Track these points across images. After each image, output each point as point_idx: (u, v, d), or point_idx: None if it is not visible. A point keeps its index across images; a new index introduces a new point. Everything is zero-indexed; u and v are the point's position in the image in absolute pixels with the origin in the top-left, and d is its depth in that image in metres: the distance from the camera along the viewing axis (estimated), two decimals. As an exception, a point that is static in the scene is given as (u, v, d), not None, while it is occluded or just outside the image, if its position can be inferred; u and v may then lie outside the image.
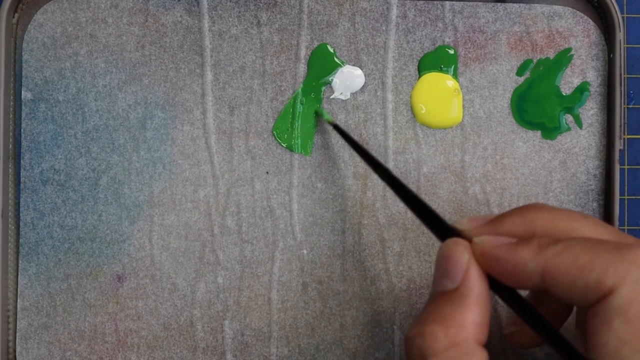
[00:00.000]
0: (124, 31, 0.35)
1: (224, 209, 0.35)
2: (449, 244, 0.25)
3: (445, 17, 0.35)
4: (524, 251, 0.23)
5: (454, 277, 0.24)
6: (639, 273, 0.22)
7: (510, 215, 0.25)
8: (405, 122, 0.35)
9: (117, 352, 0.34)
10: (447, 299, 0.24)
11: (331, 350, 0.35)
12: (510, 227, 0.25)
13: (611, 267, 0.22)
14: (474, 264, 0.24)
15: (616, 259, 0.22)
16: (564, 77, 0.35)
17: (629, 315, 0.21)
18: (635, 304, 0.21)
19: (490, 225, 0.25)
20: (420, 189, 0.35)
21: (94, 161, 0.35)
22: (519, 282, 0.24)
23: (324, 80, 0.35)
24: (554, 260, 0.23)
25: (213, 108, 0.35)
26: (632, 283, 0.21)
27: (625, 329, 0.21)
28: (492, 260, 0.24)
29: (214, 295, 0.35)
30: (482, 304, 0.24)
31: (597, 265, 0.22)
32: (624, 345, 0.21)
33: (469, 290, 0.24)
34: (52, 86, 0.35)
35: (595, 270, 0.22)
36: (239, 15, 0.35)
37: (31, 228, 0.34)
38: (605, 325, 0.21)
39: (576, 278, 0.22)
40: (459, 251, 0.24)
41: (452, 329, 0.23)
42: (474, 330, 0.23)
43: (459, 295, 0.24)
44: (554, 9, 0.35)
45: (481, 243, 0.24)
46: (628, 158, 0.38)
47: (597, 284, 0.22)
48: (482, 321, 0.23)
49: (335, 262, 0.35)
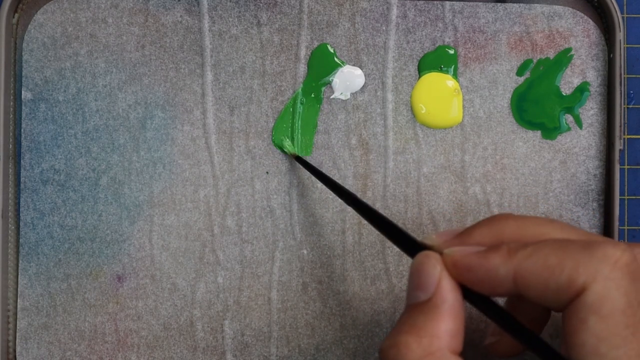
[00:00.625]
0: (124, 31, 0.35)
1: (224, 209, 0.35)
2: (420, 257, 0.25)
3: (445, 17, 0.35)
4: (494, 257, 0.23)
5: (427, 288, 0.24)
6: (609, 269, 0.22)
7: (477, 227, 0.25)
8: (405, 122, 0.35)
9: (117, 352, 0.34)
10: (420, 310, 0.24)
11: (331, 350, 0.35)
12: (479, 237, 0.25)
13: (581, 266, 0.22)
14: (446, 275, 0.24)
15: (585, 257, 0.22)
16: (564, 77, 0.35)
17: (603, 312, 0.21)
18: (608, 300, 0.21)
19: (459, 238, 0.25)
20: (420, 189, 0.35)
21: (94, 161, 0.35)
22: (492, 289, 0.24)
23: (324, 80, 0.35)
24: (525, 264, 0.23)
25: (213, 108, 0.35)
26: (603, 279, 0.22)
27: (601, 326, 0.21)
28: (464, 269, 0.24)
29: (214, 295, 0.35)
30: (456, 313, 0.24)
31: (567, 264, 0.22)
32: (602, 343, 0.21)
33: (441, 301, 0.24)
34: (52, 86, 0.35)
35: (566, 269, 0.22)
36: (239, 15, 0.35)
37: (31, 228, 0.34)
38: (581, 324, 0.22)
39: (547, 279, 0.22)
40: (430, 263, 0.24)
41: (425, 338, 0.23)
42: (447, 340, 0.23)
43: (431, 306, 0.24)
44: (554, 9, 0.35)
45: (451, 254, 0.24)
46: (628, 158, 0.38)
47: (568, 283, 0.22)
48: (456, 331, 0.24)
49: (335, 262, 0.35)
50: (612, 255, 0.22)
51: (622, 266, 0.22)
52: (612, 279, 0.22)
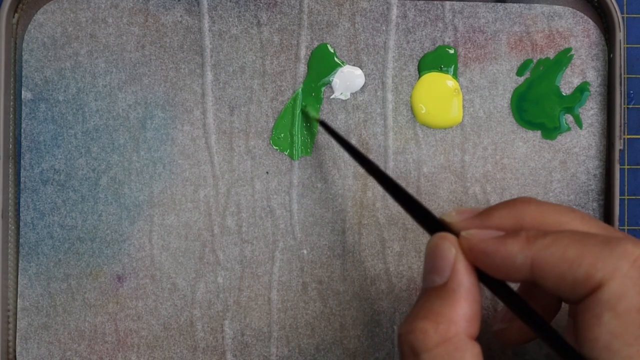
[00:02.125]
0: (124, 31, 0.35)
1: (224, 209, 0.35)
2: (435, 239, 0.25)
3: (445, 17, 0.35)
4: (512, 244, 0.23)
5: (442, 272, 0.24)
6: (628, 266, 0.22)
7: (498, 208, 0.25)
8: (405, 122, 0.35)
9: (117, 352, 0.34)
10: (437, 294, 0.24)
11: (331, 350, 0.35)
12: (499, 220, 0.25)
13: (600, 261, 0.22)
14: (462, 258, 0.24)
15: (605, 253, 0.22)
16: (564, 77, 0.35)
17: (619, 309, 0.21)
18: (625, 298, 0.21)
19: (479, 218, 0.25)
20: (420, 189, 0.35)
21: (94, 161, 0.35)
22: (508, 275, 0.23)
23: (324, 81, 0.35)
24: (543, 253, 0.23)
25: (213, 108, 0.35)
26: (621, 277, 0.21)
27: (616, 323, 0.21)
28: (480, 253, 0.24)
29: (214, 295, 0.35)
30: (472, 297, 0.23)
31: (586, 259, 0.22)
32: (615, 339, 0.21)
33: (457, 285, 0.23)
34: (52, 86, 0.35)
35: (584, 264, 0.22)
36: (239, 15, 0.35)
37: (31, 228, 0.34)
38: (596, 319, 0.21)
39: (565, 272, 0.22)
40: (446, 246, 0.24)
41: (442, 324, 0.23)
42: (464, 325, 0.23)
43: (447, 290, 0.23)
44: (554, 9, 0.35)
45: (469, 237, 0.24)
46: (628, 158, 0.38)
47: (586, 277, 0.22)
48: (472, 315, 0.23)
49: (335, 262, 0.35)
50: (632, 253, 0.22)
51: None
52: (631, 277, 0.21)
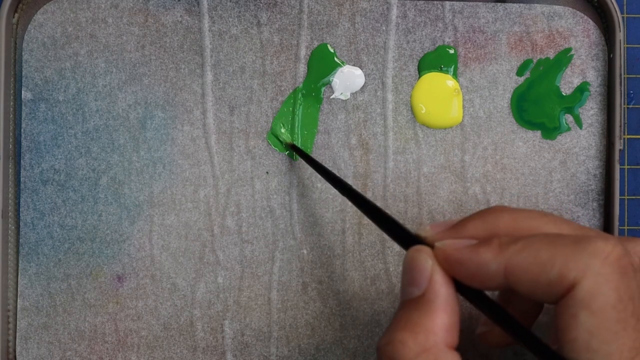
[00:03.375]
0: (124, 31, 0.35)
1: (224, 209, 0.35)
2: (412, 252, 0.25)
3: (445, 17, 0.35)
4: (485, 252, 0.23)
5: (419, 283, 0.24)
6: (600, 264, 0.22)
7: (471, 219, 0.25)
8: (405, 122, 0.35)
9: (117, 352, 0.34)
10: (414, 305, 0.24)
11: (331, 350, 0.35)
12: (473, 230, 0.25)
13: (571, 261, 0.22)
14: (438, 269, 0.24)
15: (576, 252, 0.22)
16: (564, 77, 0.35)
17: (593, 307, 0.21)
18: (599, 295, 0.21)
19: (453, 231, 0.25)
20: (420, 189, 0.35)
21: (94, 161, 0.35)
22: (483, 283, 0.24)
23: (324, 81, 0.35)
24: (515, 259, 0.23)
25: (213, 108, 0.35)
26: (593, 275, 0.21)
27: (592, 321, 0.21)
28: (455, 263, 0.24)
29: (214, 295, 0.35)
30: (450, 307, 0.24)
31: (558, 260, 0.22)
32: (593, 338, 0.21)
33: (435, 296, 0.24)
34: (52, 86, 0.35)
35: (556, 265, 0.22)
36: (239, 15, 0.35)
37: (31, 228, 0.34)
38: (573, 319, 0.21)
39: (538, 274, 0.22)
40: (422, 258, 0.24)
41: (420, 334, 0.23)
42: (443, 335, 0.23)
43: (425, 301, 0.24)
44: (554, 9, 0.35)
45: (443, 247, 0.24)
46: (628, 158, 0.38)
47: (559, 278, 0.22)
48: (450, 325, 0.23)
49: (335, 262, 0.35)
50: (602, 250, 0.22)
51: (612, 261, 0.22)
52: (603, 274, 0.21)
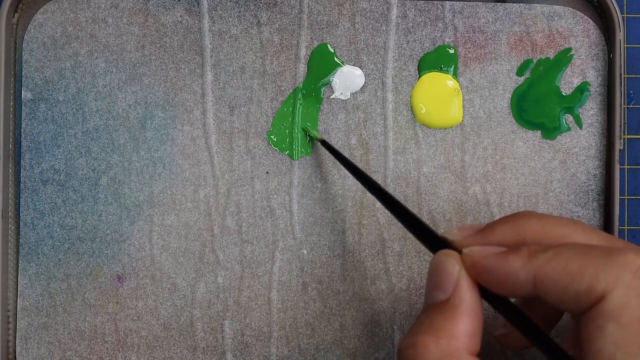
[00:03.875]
0: (124, 31, 0.35)
1: (224, 209, 0.35)
2: (439, 256, 0.25)
3: (445, 17, 0.35)
4: (514, 260, 0.23)
5: (445, 288, 0.24)
6: (630, 277, 0.21)
7: (499, 224, 0.25)
8: (405, 122, 0.35)
9: (117, 352, 0.34)
10: (439, 310, 0.24)
11: (331, 350, 0.35)
12: (500, 236, 0.25)
13: (602, 272, 0.22)
14: (465, 275, 0.24)
15: (607, 264, 0.22)
16: (564, 77, 0.35)
17: (622, 320, 0.21)
18: (628, 308, 0.21)
19: (480, 235, 0.25)
20: (420, 189, 0.35)
21: (94, 161, 0.35)
22: (511, 291, 0.24)
23: (324, 81, 0.35)
24: (545, 268, 0.23)
25: (213, 108, 0.35)
26: (623, 287, 0.21)
27: (620, 334, 0.21)
28: (483, 270, 0.24)
29: (214, 295, 0.35)
30: (474, 314, 0.24)
31: (588, 271, 0.22)
32: (619, 350, 0.21)
33: (460, 301, 0.24)
34: (52, 86, 0.35)
35: (586, 276, 0.22)
36: (239, 15, 0.35)
37: (31, 228, 0.34)
38: (599, 331, 0.21)
39: (568, 285, 0.22)
40: (449, 263, 0.24)
41: (443, 339, 0.23)
42: (465, 341, 0.23)
43: (450, 306, 0.24)
44: (554, 9, 0.35)
45: (471, 254, 0.24)
46: (628, 158, 0.38)
47: (588, 289, 0.22)
48: (474, 331, 0.23)
49: (335, 262, 0.35)
50: (633, 263, 0.22)
51: None
52: (633, 287, 0.21)
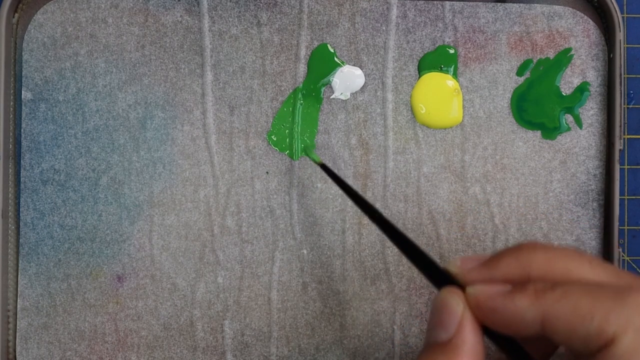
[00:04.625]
0: (124, 31, 0.35)
1: (224, 209, 0.35)
2: (444, 293, 0.24)
3: (445, 17, 0.35)
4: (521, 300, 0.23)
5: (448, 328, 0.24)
6: None
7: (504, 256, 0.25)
8: (405, 122, 0.35)
9: (117, 352, 0.34)
10: (441, 350, 0.23)
11: (331, 350, 0.35)
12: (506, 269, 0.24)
13: (612, 315, 0.21)
14: (469, 316, 0.24)
15: (617, 306, 0.21)
16: (564, 77, 0.35)
17: None
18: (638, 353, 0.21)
19: (485, 268, 0.25)
20: (420, 189, 0.35)
21: (94, 161, 0.35)
22: (517, 331, 0.23)
23: (324, 81, 0.35)
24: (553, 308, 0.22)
25: (213, 108, 0.35)
26: (634, 331, 0.21)
27: None
28: (488, 310, 0.23)
29: (214, 295, 0.35)
30: (476, 355, 0.23)
31: (598, 312, 0.21)
32: None
33: (462, 342, 0.23)
34: (52, 86, 0.35)
35: (596, 318, 0.21)
36: (239, 15, 0.35)
37: (31, 228, 0.34)
38: None
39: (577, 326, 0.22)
40: (454, 301, 0.24)
41: None
42: None
43: (452, 347, 0.23)
44: (554, 9, 0.35)
45: (475, 293, 0.24)
46: (628, 158, 0.38)
47: (598, 332, 0.21)
48: None
49: (335, 262, 0.35)
50: None
51: None
52: None
